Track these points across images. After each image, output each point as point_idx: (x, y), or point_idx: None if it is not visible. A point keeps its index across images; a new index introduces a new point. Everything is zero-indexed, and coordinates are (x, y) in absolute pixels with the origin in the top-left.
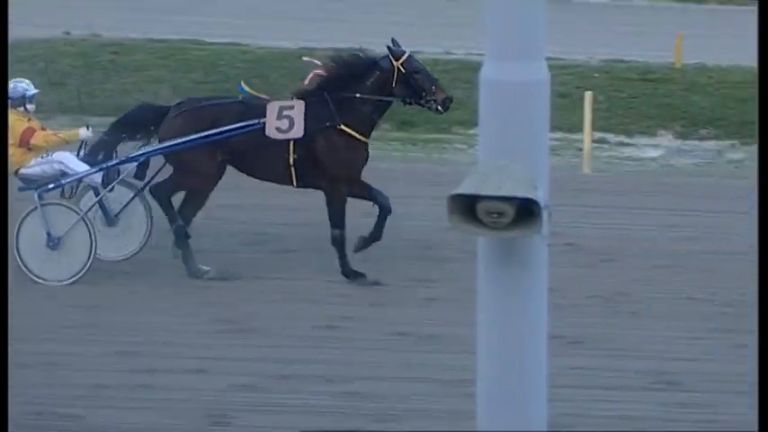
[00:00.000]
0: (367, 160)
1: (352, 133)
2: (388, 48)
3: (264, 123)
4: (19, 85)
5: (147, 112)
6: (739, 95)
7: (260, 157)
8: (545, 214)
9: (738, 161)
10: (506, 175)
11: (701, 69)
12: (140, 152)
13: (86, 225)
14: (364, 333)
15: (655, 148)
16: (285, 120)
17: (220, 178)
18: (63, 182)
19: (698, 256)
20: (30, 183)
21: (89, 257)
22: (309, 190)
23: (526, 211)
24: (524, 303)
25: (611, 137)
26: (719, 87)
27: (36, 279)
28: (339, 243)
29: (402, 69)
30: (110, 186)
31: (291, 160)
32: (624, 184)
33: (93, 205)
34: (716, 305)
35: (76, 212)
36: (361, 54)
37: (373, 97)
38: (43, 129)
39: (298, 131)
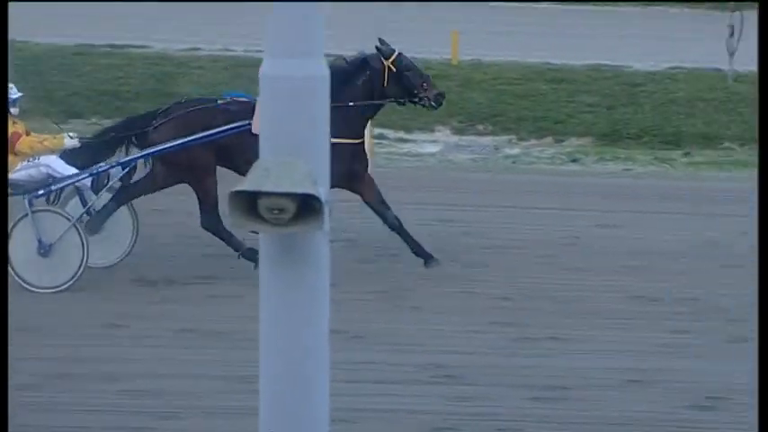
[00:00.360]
0: (365, 156)
1: (346, 142)
2: (377, 47)
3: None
4: None
5: (135, 119)
6: (515, 91)
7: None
8: (326, 210)
9: (515, 156)
10: (287, 171)
11: (476, 66)
12: (131, 157)
13: (78, 231)
14: (148, 330)
15: (433, 143)
16: None
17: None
18: (53, 187)
19: (474, 250)
20: (16, 188)
21: (81, 264)
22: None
23: (307, 207)
24: (306, 299)
25: (390, 133)
26: (495, 84)
27: (27, 286)
28: (396, 228)
29: (393, 68)
30: (101, 191)
31: None
32: (403, 180)
33: (84, 211)
34: (494, 299)
35: (68, 219)
36: (349, 57)
37: (366, 103)
38: (28, 133)
39: None
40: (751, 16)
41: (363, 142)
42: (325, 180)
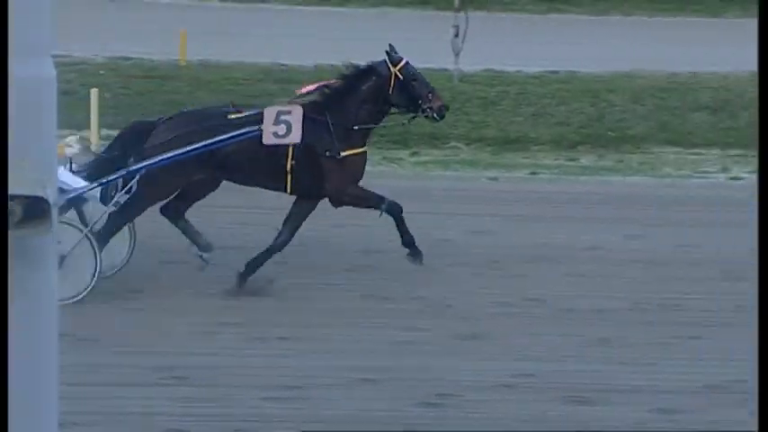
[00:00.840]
0: (365, 164)
1: (352, 152)
2: (387, 53)
3: (258, 132)
4: None
5: (139, 128)
6: (244, 92)
7: (255, 166)
8: (54, 213)
9: None
10: (15, 173)
11: (204, 66)
12: (139, 165)
13: (91, 243)
14: None
15: None
16: (282, 125)
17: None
18: (63, 198)
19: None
20: None
21: (94, 275)
22: None
23: (35, 209)
24: (34, 301)
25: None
26: (224, 84)
27: None
28: (395, 213)
29: (399, 75)
30: (113, 201)
31: (289, 167)
32: None
33: (95, 222)
34: (223, 299)
35: (80, 230)
36: (357, 64)
37: (373, 111)
38: None
39: (295, 137)
40: (476, 18)
41: (365, 151)
42: (53, 182)
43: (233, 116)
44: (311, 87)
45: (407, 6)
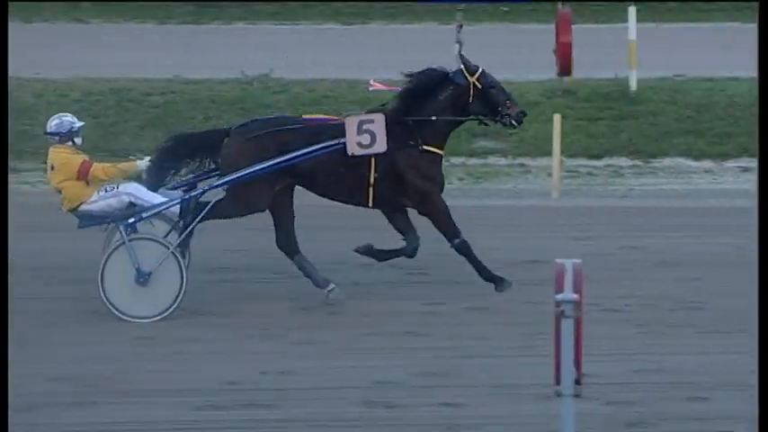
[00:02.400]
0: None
1: (434, 150)
2: (464, 63)
3: (343, 143)
4: (65, 119)
5: (210, 135)
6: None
7: (335, 177)
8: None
9: None
10: None
11: None
12: (222, 180)
13: (176, 259)
14: None
15: None
16: (366, 134)
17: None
18: (145, 215)
19: None
20: (92, 219)
21: (179, 292)
22: None
23: None
24: None
25: None
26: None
27: (122, 316)
28: (464, 251)
29: (478, 85)
30: (198, 218)
31: (372, 179)
32: None
33: (180, 238)
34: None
35: (166, 247)
36: (433, 69)
37: (454, 119)
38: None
39: (380, 146)
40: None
41: (442, 157)
42: None
43: (309, 120)
44: (380, 86)
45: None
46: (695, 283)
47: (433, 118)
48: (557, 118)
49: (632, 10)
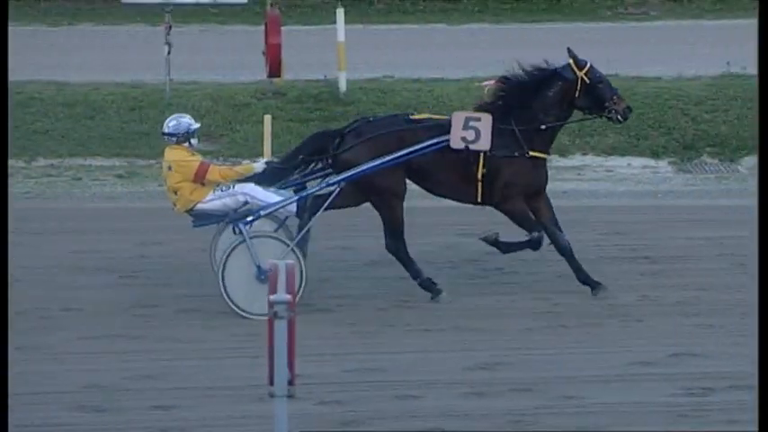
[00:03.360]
0: (547, 176)
1: (539, 155)
2: (572, 58)
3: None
4: (182, 120)
5: (321, 138)
6: None
7: (444, 174)
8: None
9: None
10: None
11: None
12: (338, 178)
13: (297, 257)
14: None
15: None
16: (471, 131)
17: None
18: (262, 213)
19: None
20: (207, 218)
21: (300, 289)
22: None
23: None
24: None
25: None
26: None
27: (243, 314)
28: (544, 244)
29: (586, 79)
30: (312, 216)
31: (479, 176)
32: None
33: (300, 236)
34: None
35: (286, 244)
36: (540, 65)
37: (561, 123)
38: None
39: (484, 143)
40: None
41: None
42: None
43: (419, 120)
44: (491, 83)
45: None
46: (406, 282)
47: (543, 127)
48: (267, 119)
49: (340, 12)
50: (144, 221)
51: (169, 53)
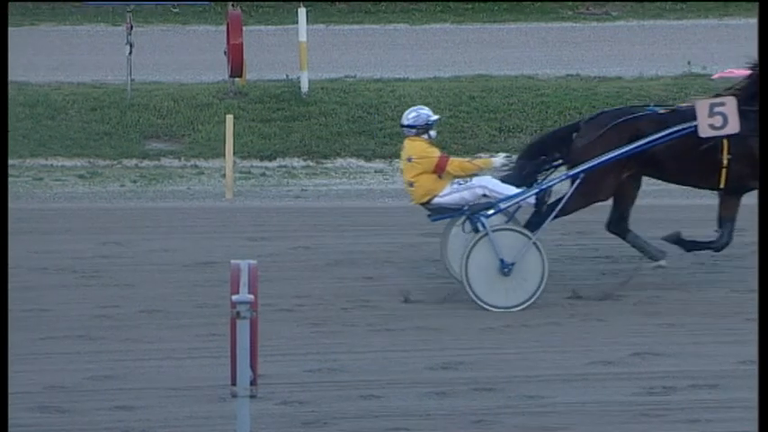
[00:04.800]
0: None
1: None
2: None
3: (695, 127)
4: (422, 112)
5: (557, 132)
6: None
7: (686, 162)
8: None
9: None
10: None
11: None
12: (576, 170)
13: (538, 249)
14: None
15: None
16: (718, 116)
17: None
18: (502, 206)
19: None
20: (444, 211)
21: (541, 282)
22: None
23: None
24: None
25: None
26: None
27: (485, 306)
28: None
29: None
30: (544, 206)
31: (725, 161)
32: None
33: (540, 227)
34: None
35: (528, 237)
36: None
37: None
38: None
39: (733, 127)
40: None
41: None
42: None
43: (661, 111)
44: (725, 73)
45: None
46: (368, 282)
47: None
48: (229, 119)
49: (302, 11)
50: (106, 222)
51: (131, 53)
